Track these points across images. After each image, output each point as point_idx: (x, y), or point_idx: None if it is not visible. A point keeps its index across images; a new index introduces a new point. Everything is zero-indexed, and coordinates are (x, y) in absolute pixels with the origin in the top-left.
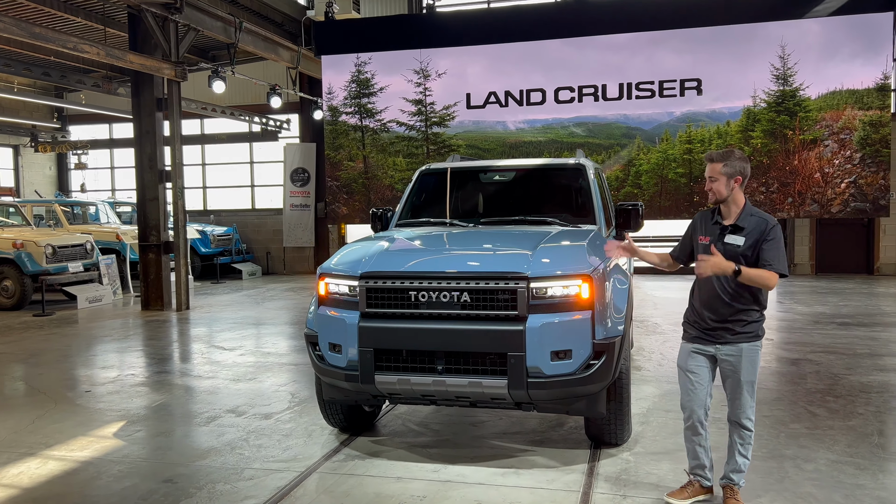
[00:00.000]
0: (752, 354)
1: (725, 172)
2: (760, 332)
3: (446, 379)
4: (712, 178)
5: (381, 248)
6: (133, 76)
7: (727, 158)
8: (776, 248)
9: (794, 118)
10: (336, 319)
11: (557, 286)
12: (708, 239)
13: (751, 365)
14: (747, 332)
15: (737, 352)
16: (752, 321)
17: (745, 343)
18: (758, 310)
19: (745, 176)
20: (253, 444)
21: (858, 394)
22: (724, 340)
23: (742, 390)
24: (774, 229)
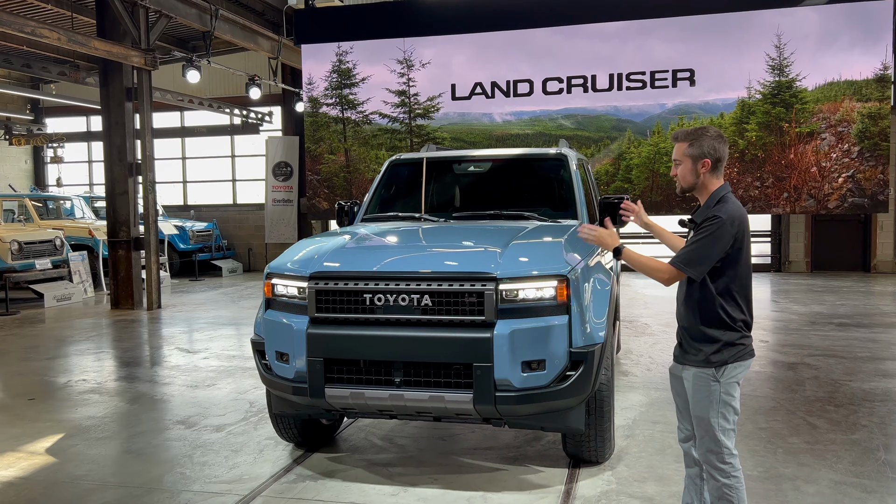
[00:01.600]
0: (701, 384)
1: (691, 154)
2: (715, 358)
3: (404, 393)
4: (677, 161)
5: (336, 245)
6: (101, 65)
7: (695, 137)
8: (697, 241)
9: (790, 110)
10: (283, 325)
11: (530, 288)
12: None
13: (702, 397)
14: (698, 354)
15: (689, 377)
16: (707, 339)
17: (695, 368)
18: (719, 327)
19: (715, 159)
20: (197, 462)
21: (861, 402)
22: (682, 360)
23: (697, 426)
24: (709, 223)
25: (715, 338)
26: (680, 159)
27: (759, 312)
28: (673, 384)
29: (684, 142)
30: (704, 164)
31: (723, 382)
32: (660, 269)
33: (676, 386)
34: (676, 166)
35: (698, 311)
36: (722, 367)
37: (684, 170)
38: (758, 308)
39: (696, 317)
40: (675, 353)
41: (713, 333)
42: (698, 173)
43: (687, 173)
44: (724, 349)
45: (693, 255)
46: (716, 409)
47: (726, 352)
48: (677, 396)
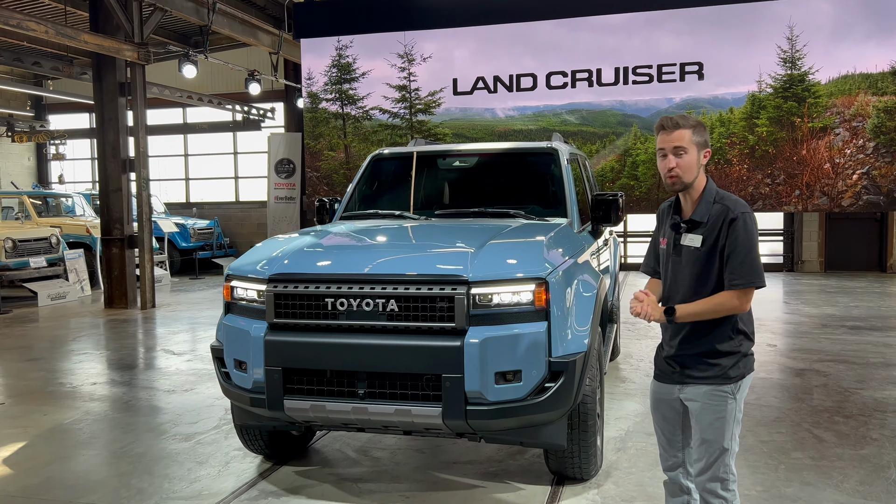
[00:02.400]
0: (717, 404)
1: (697, 143)
2: (734, 371)
3: (368, 406)
4: (681, 149)
5: (300, 245)
6: (94, 59)
7: (698, 124)
8: (743, 251)
9: (802, 104)
10: (241, 331)
11: (505, 292)
12: (665, 242)
13: (716, 419)
14: (712, 369)
15: (698, 396)
16: (724, 353)
17: (707, 386)
18: (733, 336)
19: (711, 150)
20: (158, 474)
21: (872, 413)
22: (685, 379)
23: (703, 451)
24: (739, 221)
25: (733, 350)
26: (687, 147)
27: (768, 314)
28: (658, 409)
29: (688, 129)
30: (706, 154)
31: (738, 399)
32: (724, 302)
33: (664, 410)
34: (679, 156)
35: (713, 321)
36: (740, 382)
37: (690, 161)
38: (768, 310)
39: (710, 329)
40: (662, 371)
41: (731, 345)
42: (700, 165)
43: (693, 164)
44: (742, 361)
45: (749, 263)
46: (731, 429)
47: (743, 364)
48: (664, 422)
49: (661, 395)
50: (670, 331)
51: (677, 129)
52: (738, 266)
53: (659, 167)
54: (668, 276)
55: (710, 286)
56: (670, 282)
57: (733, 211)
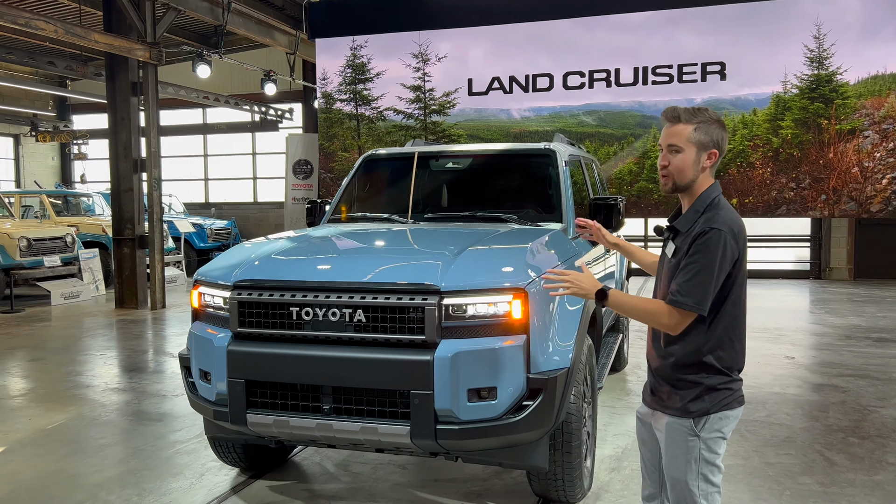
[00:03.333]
0: (677, 438)
1: (697, 141)
2: (694, 406)
3: (333, 422)
4: (674, 147)
5: (270, 250)
6: (107, 59)
7: (703, 120)
8: (695, 268)
9: (829, 106)
10: (206, 340)
11: (480, 303)
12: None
13: (679, 455)
14: (672, 399)
15: (661, 426)
16: (686, 382)
17: (669, 417)
18: (702, 369)
19: (721, 152)
20: (129, 485)
21: (890, 434)
22: (654, 405)
23: (671, 489)
24: (706, 237)
25: (696, 381)
26: (682, 146)
27: (790, 324)
28: (640, 430)
29: (688, 123)
30: (711, 156)
31: (703, 437)
32: (657, 312)
33: (643, 433)
34: (672, 154)
35: (678, 347)
36: (703, 419)
37: (685, 160)
38: (790, 319)
39: (678, 352)
40: (644, 393)
41: (692, 377)
42: (701, 167)
43: (688, 165)
44: (707, 395)
45: (694, 283)
46: (694, 469)
47: (709, 399)
48: (643, 446)
49: (640, 416)
50: (648, 349)
51: (677, 123)
52: (684, 282)
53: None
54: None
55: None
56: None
57: (707, 224)
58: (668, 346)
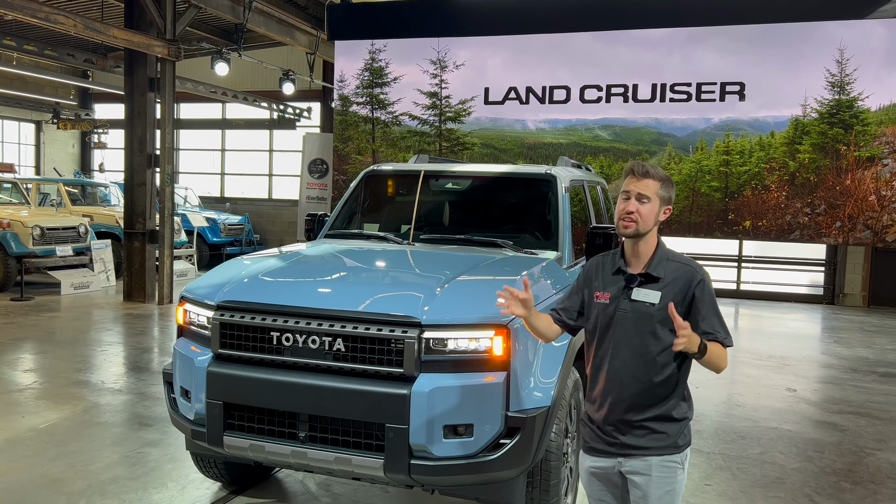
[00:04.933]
0: (667, 475)
1: (662, 196)
2: (682, 440)
3: (308, 450)
4: (644, 197)
5: (256, 270)
6: (126, 54)
7: (667, 180)
8: (714, 309)
9: (849, 132)
10: (188, 358)
11: (461, 338)
12: (608, 296)
13: (666, 492)
14: (661, 438)
15: (646, 469)
16: (672, 419)
17: (657, 457)
18: (685, 401)
19: (671, 209)
20: (110, 494)
21: (884, 481)
22: (627, 451)
23: None
24: (705, 283)
25: (682, 416)
26: (651, 196)
27: (796, 353)
28: (593, 485)
29: (657, 181)
30: (666, 212)
31: (686, 468)
32: (725, 357)
33: (606, 487)
34: (641, 202)
35: (666, 385)
36: (686, 450)
37: (651, 210)
38: (797, 348)
39: (665, 393)
40: (595, 444)
41: (681, 411)
42: (658, 219)
43: (652, 215)
44: (687, 428)
45: (723, 324)
46: (678, 501)
47: (688, 431)
48: (613, 498)
49: (598, 470)
50: (611, 396)
51: (646, 177)
52: (719, 324)
53: (616, 209)
54: (608, 333)
55: (662, 343)
56: (613, 338)
57: (698, 273)
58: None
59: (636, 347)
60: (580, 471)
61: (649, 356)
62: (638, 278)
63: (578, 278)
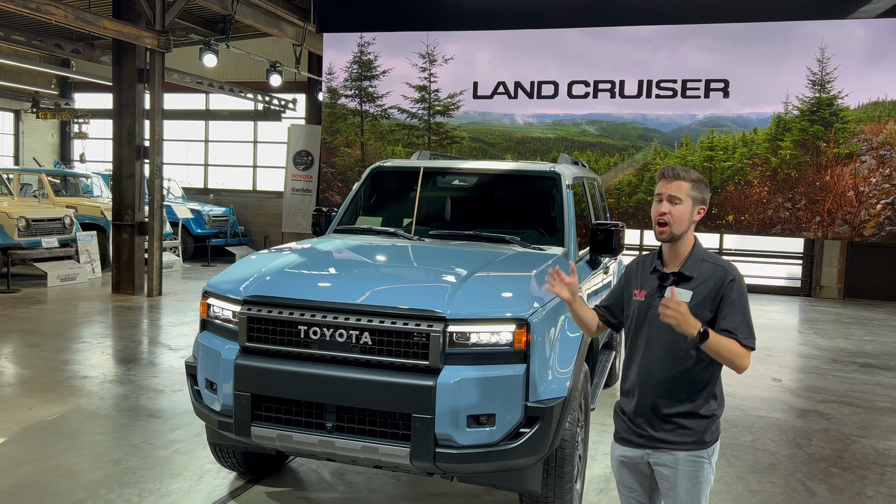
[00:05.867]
0: (694, 470)
1: (694, 197)
2: (709, 436)
3: (336, 440)
4: (675, 198)
5: (280, 265)
6: (115, 45)
7: (698, 180)
8: (741, 310)
9: (829, 129)
10: (214, 351)
11: (483, 332)
12: (644, 293)
13: (692, 485)
14: (689, 434)
15: (673, 462)
16: (699, 416)
17: (684, 452)
18: (714, 399)
19: (706, 209)
20: (128, 484)
21: (871, 466)
22: (656, 444)
23: None
24: (736, 283)
25: (711, 413)
26: (682, 198)
27: (779, 344)
28: (623, 476)
29: (688, 181)
30: (701, 211)
31: (713, 463)
32: (742, 354)
33: (629, 478)
34: (673, 204)
35: (695, 382)
36: (714, 445)
37: (683, 212)
38: (779, 339)
39: (694, 390)
40: (627, 435)
41: (709, 409)
42: (693, 220)
43: (685, 216)
44: (716, 424)
45: (749, 326)
46: (705, 495)
47: (716, 427)
48: (629, 491)
49: (627, 460)
50: (641, 390)
51: (677, 179)
52: (744, 325)
53: (652, 211)
54: (642, 329)
55: (689, 344)
56: (646, 335)
57: (730, 273)
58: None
59: (666, 344)
60: (610, 459)
61: (679, 353)
62: (671, 277)
63: (620, 278)
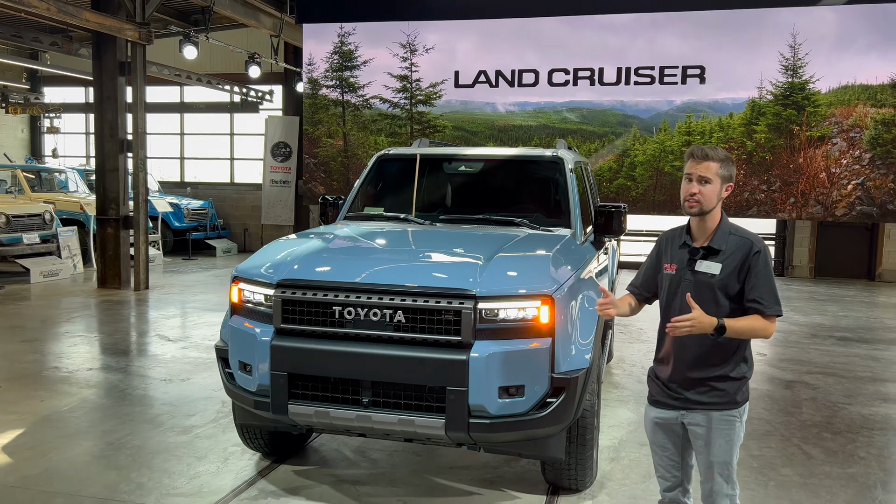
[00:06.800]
0: (727, 428)
1: (722, 175)
2: (740, 396)
3: (372, 414)
4: (705, 179)
5: (308, 250)
6: (94, 37)
7: (726, 159)
8: (766, 280)
9: (801, 113)
10: (248, 334)
11: (511, 308)
12: (674, 267)
13: (725, 442)
14: (721, 395)
15: (706, 422)
16: (731, 378)
17: (717, 412)
18: (742, 363)
19: (733, 185)
20: (157, 469)
21: (859, 430)
22: (690, 405)
23: (713, 472)
24: (762, 255)
25: (741, 375)
26: (712, 178)
27: None
28: (657, 436)
29: (716, 161)
30: (728, 189)
31: (744, 421)
32: (766, 328)
33: (663, 438)
34: (703, 184)
35: (727, 349)
36: (744, 406)
37: (713, 190)
38: None
39: (725, 354)
40: (661, 397)
41: (739, 371)
42: (721, 197)
43: (714, 195)
44: (745, 386)
45: (774, 293)
46: (737, 449)
47: (746, 388)
48: (662, 450)
49: (661, 421)
50: (676, 357)
51: (706, 160)
52: (769, 294)
53: (682, 190)
54: (674, 300)
55: (722, 310)
56: (679, 305)
57: (756, 245)
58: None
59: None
60: (644, 420)
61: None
62: (701, 251)
63: (650, 255)
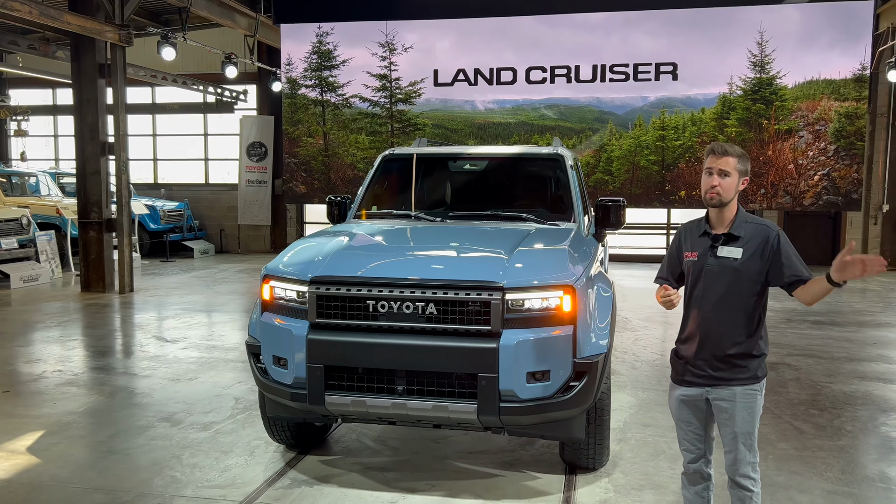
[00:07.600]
0: (750, 401)
1: (740, 170)
2: (761, 371)
3: (407, 402)
4: (724, 172)
5: (337, 247)
6: (73, 39)
7: (743, 155)
8: (796, 257)
9: (769, 107)
10: (282, 329)
11: (536, 298)
12: (696, 254)
13: (748, 414)
14: (744, 371)
15: (731, 396)
16: (754, 355)
17: (740, 386)
18: (762, 339)
19: (749, 179)
20: (187, 463)
21: (843, 406)
22: (715, 381)
23: (737, 443)
24: (781, 236)
25: (761, 352)
26: (730, 171)
27: None
28: (681, 412)
29: (734, 157)
30: (744, 182)
31: (762, 395)
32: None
33: (689, 414)
34: (722, 177)
35: (750, 327)
36: (764, 379)
37: (731, 183)
38: None
39: (747, 333)
40: (686, 376)
41: (759, 348)
42: (738, 189)
43: (732, 187)
44: (763, 361)
45: (803, 263)
46: (757, 420)
47: (765, 364)
48: (688, 424)
49: (686, 398)
50: (700, 337)
51: (725, 155)
52: (801, 266)
53: (703, 183)
54: (698, 284)
55: (742, 292)
56: (702, 289)
57: (773, 229)
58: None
59: (720, 296)
60: (669, 398)
61: (732, 303)
62: (722, 237)
63: (671, 246)
